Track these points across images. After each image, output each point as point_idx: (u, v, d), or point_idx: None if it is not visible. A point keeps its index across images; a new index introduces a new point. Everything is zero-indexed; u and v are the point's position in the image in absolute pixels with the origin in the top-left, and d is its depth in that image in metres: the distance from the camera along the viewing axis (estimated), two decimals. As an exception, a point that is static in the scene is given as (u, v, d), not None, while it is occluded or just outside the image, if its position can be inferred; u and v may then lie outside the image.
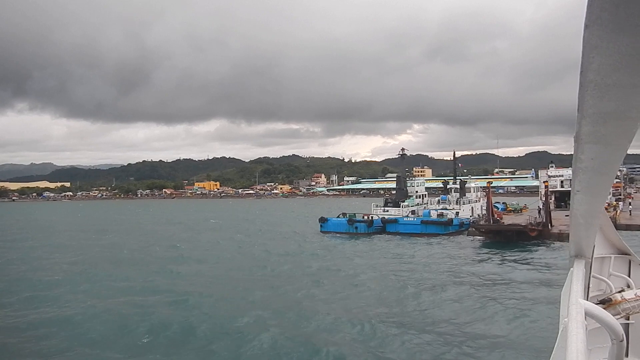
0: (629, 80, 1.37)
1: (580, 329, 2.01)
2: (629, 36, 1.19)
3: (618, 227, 40.70)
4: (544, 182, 51.07)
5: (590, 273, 3.76)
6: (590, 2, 1.14)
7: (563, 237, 40.00)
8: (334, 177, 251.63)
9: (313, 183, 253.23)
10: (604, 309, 2.72)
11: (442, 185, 68.20)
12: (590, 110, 1.57)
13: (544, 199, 49.14)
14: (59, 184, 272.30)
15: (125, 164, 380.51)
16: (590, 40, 1.25)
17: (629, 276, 4.17)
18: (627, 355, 3.65)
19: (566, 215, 51.36)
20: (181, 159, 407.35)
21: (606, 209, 52.58)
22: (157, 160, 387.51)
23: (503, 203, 66.50)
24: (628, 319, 3.60)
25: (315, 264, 31.54)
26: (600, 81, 1.40)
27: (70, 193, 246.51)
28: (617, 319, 2.71)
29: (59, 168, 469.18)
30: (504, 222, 44.18)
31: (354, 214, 54.23)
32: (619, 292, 3.18)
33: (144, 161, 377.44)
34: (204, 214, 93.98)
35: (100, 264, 32.44)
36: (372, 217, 52.53)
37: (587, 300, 2.91)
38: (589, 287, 3.74)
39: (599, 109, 1.56)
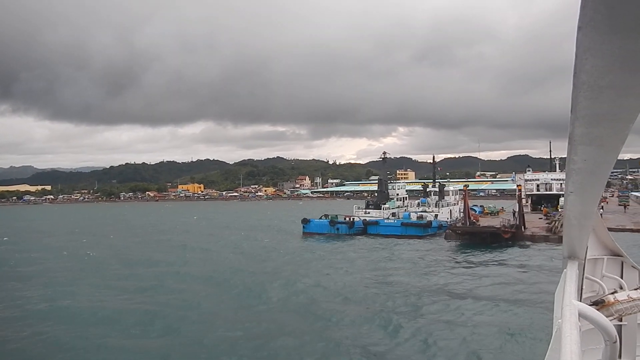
0: (622, 82, 1.38)
1: (574, 330, 2.02)
2: (622, 38, 1.19)
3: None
4: (517, 185, 52.88)
5: (583, 274, 3.77)
6: (584, 4, 1.13)
7: (535, 239, 41.80)
8: (318, 180, 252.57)
9: (297, 185, 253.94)
10: (597, 310, 2.73)
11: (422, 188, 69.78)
12: (583, 111, 1.58)
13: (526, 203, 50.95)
14: (39, 187, 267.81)
15: (108, 167, 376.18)
16: (583, 42, 1.25)
17: (622, 277, 4.20)
18: (620, 356, 3.68)
19: (540, 218, 53.44)
20: (164, 161, 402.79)
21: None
22: (140, 162, 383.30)
23: (480, 206, 68.36)
24: (621, 320, 3.63)
25: (294, 264, 32.63)
26: (593, 83, 1.40)
27: (52, 196, 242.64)
28: (610, 320, 2.70)
29: (39, 171, 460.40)
30: (479, 225, 45.82)
31: (336, 215, 55.43)
32: (612, 293, 3.15)
33: (126, 164, 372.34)
34: (191, 217, 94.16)
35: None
36: (353, 218, 53.81)
37: (580, 301, 2.95)
38: (582, 289, 3.75)
39: (592, 111, 1.57)
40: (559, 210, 55.54)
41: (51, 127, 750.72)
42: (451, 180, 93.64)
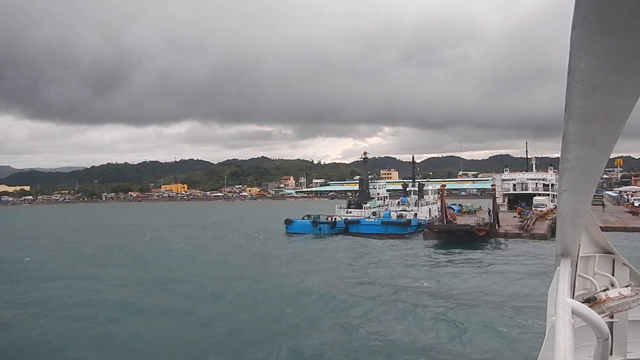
0: (614, 80, 1.39)
1: (567, 327, 2.05)
2: (614, 37, 1.20)
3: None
4: (491, 185, 54.65)
5: (576, 272, 3.78)
6: (577, 3, 1.14)
7: (508, 236, 43.56)
8: (303, 180, 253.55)
9: (282, 185, 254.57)
10: (589, 307, 2.77)
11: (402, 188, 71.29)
12: (577, 110, 1.59)
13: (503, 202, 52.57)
14: (18, 188, 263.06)
15: (89, 167, 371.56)
16: (577, 41, 1.26)
17: (613, 275, 4.24)
18: (611, 353, 3.72)
19: (514, 217, 55.27)
20: (147, 161, 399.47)
21: (552, 210, 56.96)
22: (122, 162, 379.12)
23: (459, 205, 70.14)
24: (612, 317, 3.66)
25: (276, 263, 33.67)
26: (586, 81, 1.41)
27: (31, 197, 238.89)
28: (602, 317, 2.73)
29: (17, 171, 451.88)
30: (456, 223, 47.39)
31: (318, 215, 56.54)
32: (604, 290, 3.18)
33: (108, 164, 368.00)
34: (176, 218, 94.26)
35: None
36: (335, 218, 55.02)
37: (573, 298, 2.99)
38: (574, 286, 3.76)
39: (586, 109, 1.58)
40: (533, 209, 57.60)
41: (32, 126, 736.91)
42: (432, 180, 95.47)
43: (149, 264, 34.37)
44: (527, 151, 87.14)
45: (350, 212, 57.75)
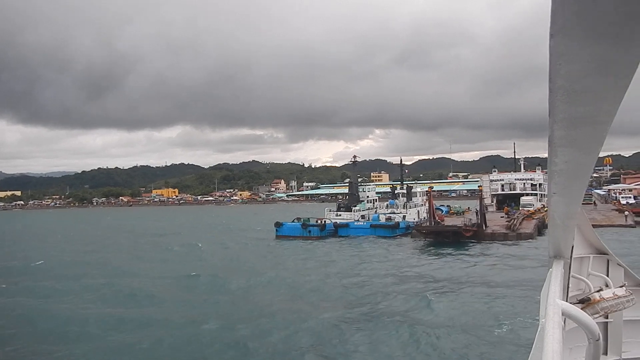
0: (597, 85, 1.40)
1: (556, 329, 2.06)
2: (593, 45, 1.21)
3: (543, 227, 45.29)
4: (478, 186, 55.28)
5: (569, 273, 3.80)
6: (554, 12, 1.14)
7: (495, 236, 44.09)
8: (294, 183, 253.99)
9: (272, 189, 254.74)
10: (583, 308, 2.76)
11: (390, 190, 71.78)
12: (561, 115, 1.61)
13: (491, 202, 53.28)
14: (8, 193, 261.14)
15: (80, 172, 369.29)
16: (556, 49, 1.27)
17: (607, 275, 4.25)
18: (606, 352, 3.76)
19: (501, 217, 55.98)
20: (138, 165, 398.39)
21: (539, 210, 57.76)
22: (113, 167, 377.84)
23: (447, 206, 70.79)
24: (607, 317, 3.68)
25: (266, 266, 33.98)
26: (569, 87, 1.43)
27: (22, 202, 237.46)
28: (596, 317, 2.73)
29: (8, 176, 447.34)
30: (444, 224, 47.96)
31: (308, 218, 56.82)
32: (598, 291, 3.19)
33: (99, 168, 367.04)
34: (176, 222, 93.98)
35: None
36: (325, 221, 55.36)
37: (567, 300, 3.00)
38: (568, 287, 3.76)
39: (569, 114, 1.59)
40: (520, 209, 58.35)
41: (24, 131, 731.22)
42: (422, 181, 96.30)
43: (148, 263, 35.14)
44: (514, 151, 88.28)
45: (340, 215, 58.05)
